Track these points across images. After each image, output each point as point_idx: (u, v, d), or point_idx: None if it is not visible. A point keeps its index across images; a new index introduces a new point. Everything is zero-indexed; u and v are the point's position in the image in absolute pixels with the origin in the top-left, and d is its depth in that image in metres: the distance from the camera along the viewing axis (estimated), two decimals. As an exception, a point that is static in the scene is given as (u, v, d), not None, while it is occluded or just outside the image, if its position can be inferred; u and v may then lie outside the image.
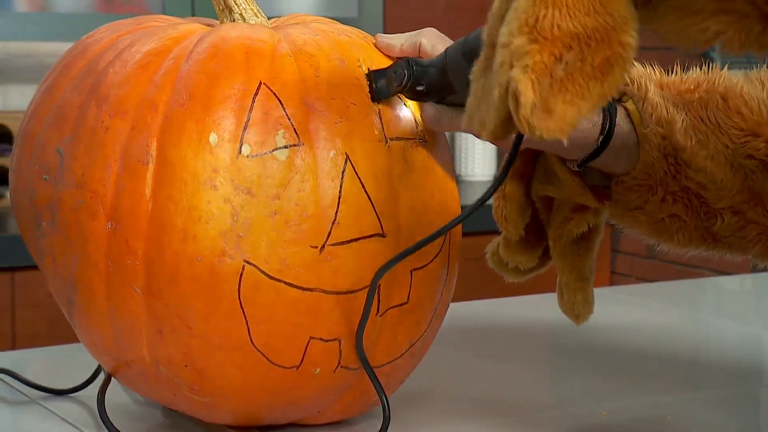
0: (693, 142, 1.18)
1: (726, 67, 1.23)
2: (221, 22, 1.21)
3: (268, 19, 1.23)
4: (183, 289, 1.05)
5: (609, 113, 1.19)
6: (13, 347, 2.55)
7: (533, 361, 1.51)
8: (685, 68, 1.23)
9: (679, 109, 1.19)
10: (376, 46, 1.18)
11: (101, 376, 1.29)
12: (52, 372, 1.47)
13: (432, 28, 1.20)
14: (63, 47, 1.21)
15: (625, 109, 1.20)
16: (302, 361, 1.09)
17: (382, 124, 1.11)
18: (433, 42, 1.17)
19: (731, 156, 1.18)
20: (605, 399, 1.32)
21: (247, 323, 1.06)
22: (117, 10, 2.92)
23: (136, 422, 1.20)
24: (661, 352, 1.55)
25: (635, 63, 1.22)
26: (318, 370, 1.10)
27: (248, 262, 1.04)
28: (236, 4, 1.20)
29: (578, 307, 1.28)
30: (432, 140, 1.16)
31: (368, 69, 1.13)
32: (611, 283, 3.36)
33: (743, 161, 1.18)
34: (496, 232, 1.32)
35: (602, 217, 1.25)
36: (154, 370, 1.11)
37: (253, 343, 1.07)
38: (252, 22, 1.20)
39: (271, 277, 1.05)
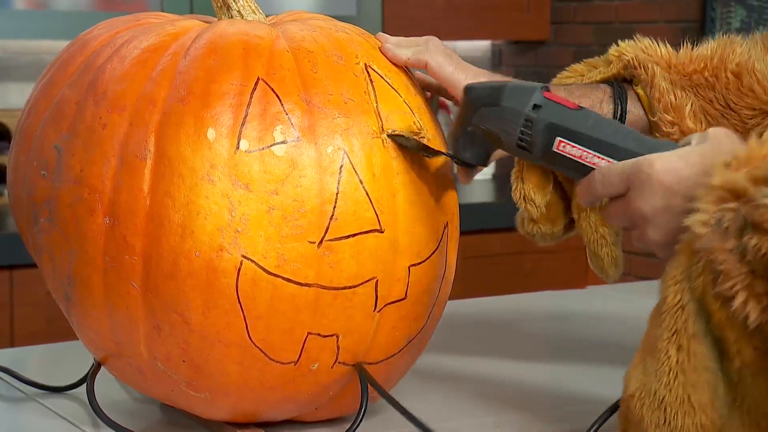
0: (704, 125, 1.19)
1: (739, 41, 1.22)
2: (219, 19, 1.20)
3: (266, 16, 1.23)
4: (181, 285, 1.05)
5: (619, 100, 1.20)
6: (12, 345, 2.55)
7: (531, 358, 1.50)
8: (696, 43, 1.23)
9: (688, 91, 1.20)
10: (381, 51, 1.18)
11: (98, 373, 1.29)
12: (49, 369, 1.47)
13: (436, 42, 1.20)
14: (62, 45, 1.21)
15: (636, 94, 1.21)
16: (300, 356, 1.09)
17: (380, 120, 1.11)
18: (439, 61, 1.18)
19: (744, 135, 1.19)
20: (604, 396, 1.32)
21: (245, 318, 1.06)
22: (116, 8, 2.91)
23: (134, 419, 1.19)
24: (660, 350, 1.54)
25: (642, 39, 1.23)
26: (316, 365, 1.10)
27: (246, 258, 1.04)
28: (234, 0, 1.20)
29: (607, 269, 1.31)
30: (431, 137, 1.15)
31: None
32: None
33: None
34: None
35: None
36: (152, 366, 1.10)
37: (250, 339, 1.07)
38: (249, 18, 1.20)
39: (269, 273, 1.05)
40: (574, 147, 1.04)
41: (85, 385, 1.28)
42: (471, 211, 2.95)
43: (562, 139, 1.04)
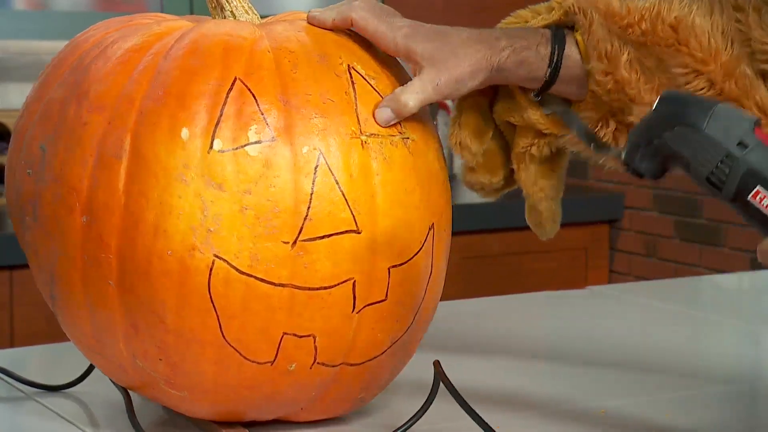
0: (638, 76, 1.17)
1: None
2: (213, 19, 1.20)
3: (265, 16, 1.22)
4: (155, 284, 1.05)
5: (557, 44, 1.19)
6: (12, 345, 2.55)
7: (531, 358, 1.50)
8: None
9: (625, 42, 1.18)
10: (308, 22, 1.17)
11: (94, 373, 1.29)
12: (49, 369, 1.47)
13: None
14: (62, 45, 1.21)
15: (576, 40, 1.20)
16: (276, 356, 1.08)
17: (359, 120, 1.10)
18: (362, 15, 1.16)
19: None
20: (603, 397, 1.31)
21: (218, 318, 1.06)
22: (115, 8, 2.93)
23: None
24: (659, 350, 1.54)
25: None
26: (293, 366, 1.09)
27: (218, 257, 1.04)
28: (227, 1, 1.20)
29: (544, 224, 1.29)
30: (417, 138, 1.14)
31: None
32: (609, 282, 3.35)
33: None
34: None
35: (564, 141, 1.25)
36: (132, 363, 1.11)
37: (224, 338, 1.07)
38: (243, 19, 1.20)
39: (241, 272, 1.05)
40: None
41: (81, 384, 1.28)
42: (471, 211, 2.94)
43: (762, 189, 0.93)
